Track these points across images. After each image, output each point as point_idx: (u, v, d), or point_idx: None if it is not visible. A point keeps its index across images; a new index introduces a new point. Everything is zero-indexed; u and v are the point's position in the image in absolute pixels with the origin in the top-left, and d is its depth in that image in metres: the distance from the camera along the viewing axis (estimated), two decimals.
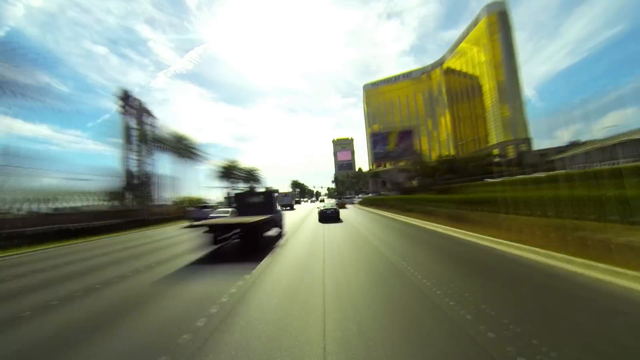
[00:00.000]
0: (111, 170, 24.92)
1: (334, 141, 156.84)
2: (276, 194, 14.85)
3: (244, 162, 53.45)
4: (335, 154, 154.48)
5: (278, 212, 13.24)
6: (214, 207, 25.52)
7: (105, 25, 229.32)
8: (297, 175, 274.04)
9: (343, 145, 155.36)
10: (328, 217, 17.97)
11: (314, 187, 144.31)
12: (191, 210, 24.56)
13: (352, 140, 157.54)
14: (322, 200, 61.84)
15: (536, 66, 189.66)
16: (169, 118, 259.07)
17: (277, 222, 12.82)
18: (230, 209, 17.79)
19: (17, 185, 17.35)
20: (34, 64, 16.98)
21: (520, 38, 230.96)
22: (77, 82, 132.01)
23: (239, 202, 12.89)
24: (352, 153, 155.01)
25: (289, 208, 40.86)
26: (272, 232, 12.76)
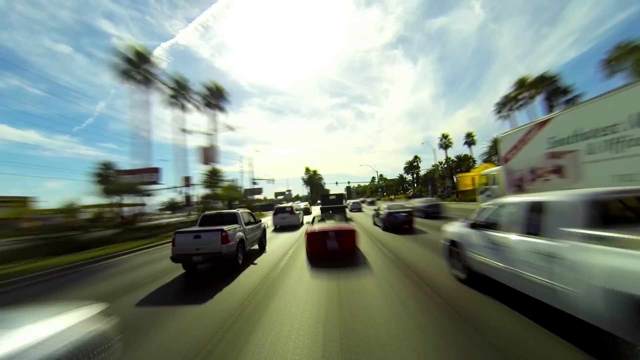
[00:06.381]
0: None
1: None
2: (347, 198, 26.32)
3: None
4: None
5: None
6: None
7: (60, 20, 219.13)
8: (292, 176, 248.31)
9: None
10: None
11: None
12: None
13: None
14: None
15: (538, 58, 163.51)
16: (153, 120, 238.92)
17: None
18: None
19: None
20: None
21: (519, 25, 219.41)
22: (48, 85, 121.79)
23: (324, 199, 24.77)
24: None
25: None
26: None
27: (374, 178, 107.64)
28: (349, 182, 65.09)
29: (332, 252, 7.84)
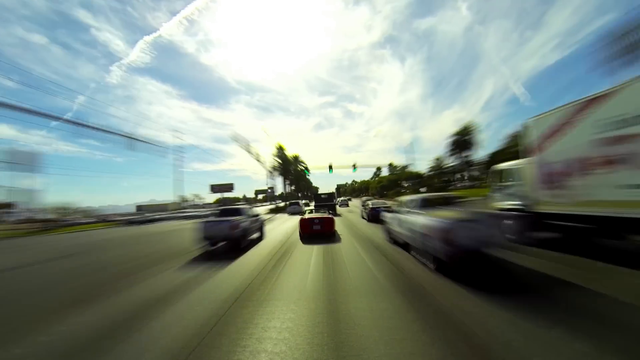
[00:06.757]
0: None
1: None
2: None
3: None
4: None
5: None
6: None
7: (34, 9, 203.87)
8: None
9: None
10: None
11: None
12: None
13: None
14: None
15: (522, 61, 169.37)
16: (137, 117, 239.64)
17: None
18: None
19: None
20: None
21: (504, 27, 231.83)
22: (22, 76, 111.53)
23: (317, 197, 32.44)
24: None
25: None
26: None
27: (378, 168, 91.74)
28: (354, 166, 49.38)
29: (316, 232, 12.04)
